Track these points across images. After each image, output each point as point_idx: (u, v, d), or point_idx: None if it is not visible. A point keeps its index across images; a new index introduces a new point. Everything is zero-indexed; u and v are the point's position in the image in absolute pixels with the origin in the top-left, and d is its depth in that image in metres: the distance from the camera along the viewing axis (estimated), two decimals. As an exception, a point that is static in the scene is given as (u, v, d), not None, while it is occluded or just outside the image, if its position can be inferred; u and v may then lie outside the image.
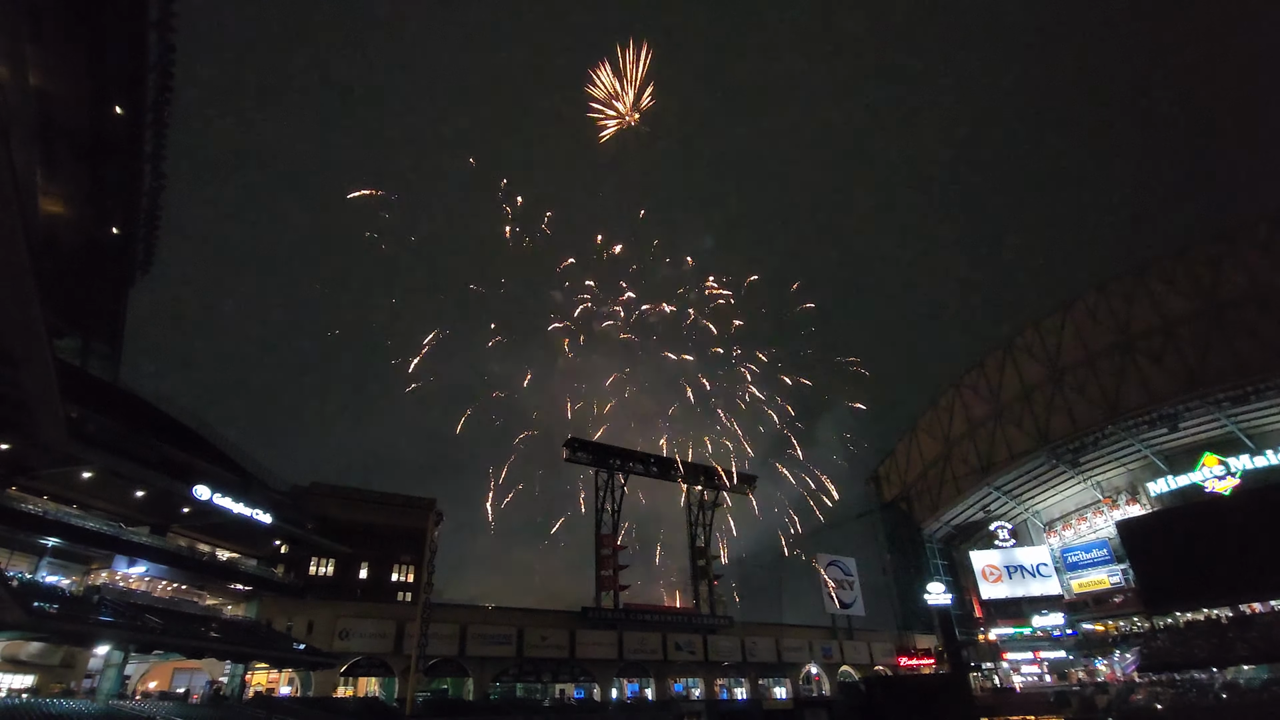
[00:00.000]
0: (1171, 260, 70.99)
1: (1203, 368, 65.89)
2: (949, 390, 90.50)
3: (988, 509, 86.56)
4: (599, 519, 68.68)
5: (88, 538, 37.58)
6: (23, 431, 30.73)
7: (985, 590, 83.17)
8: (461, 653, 53.90)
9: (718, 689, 66.95)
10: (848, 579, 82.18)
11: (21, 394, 27.25)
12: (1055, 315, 79.51)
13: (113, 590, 38.89)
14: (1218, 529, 65.91)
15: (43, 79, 27.47)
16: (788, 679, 71.69)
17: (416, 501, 65.05)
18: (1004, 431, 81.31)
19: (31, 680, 36.94)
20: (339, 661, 48.90)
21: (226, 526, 46.09)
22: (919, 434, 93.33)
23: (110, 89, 29.15)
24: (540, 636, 57.93)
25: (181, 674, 45.86)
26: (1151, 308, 70.97)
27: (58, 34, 25.95)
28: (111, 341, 46.71)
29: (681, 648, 64.81)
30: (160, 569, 42.78)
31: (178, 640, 37.38)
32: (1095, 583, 78.30)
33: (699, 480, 76.34)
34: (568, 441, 69.71)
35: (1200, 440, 71.48)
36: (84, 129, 30.20)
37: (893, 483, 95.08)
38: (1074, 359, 76.31)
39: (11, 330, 23.53)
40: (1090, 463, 78.02)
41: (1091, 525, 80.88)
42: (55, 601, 33.08)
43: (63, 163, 31.43)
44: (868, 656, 77.64)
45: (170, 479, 40.79)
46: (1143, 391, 69.57)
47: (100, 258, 37.94)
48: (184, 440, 46.20)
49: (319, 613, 50.64)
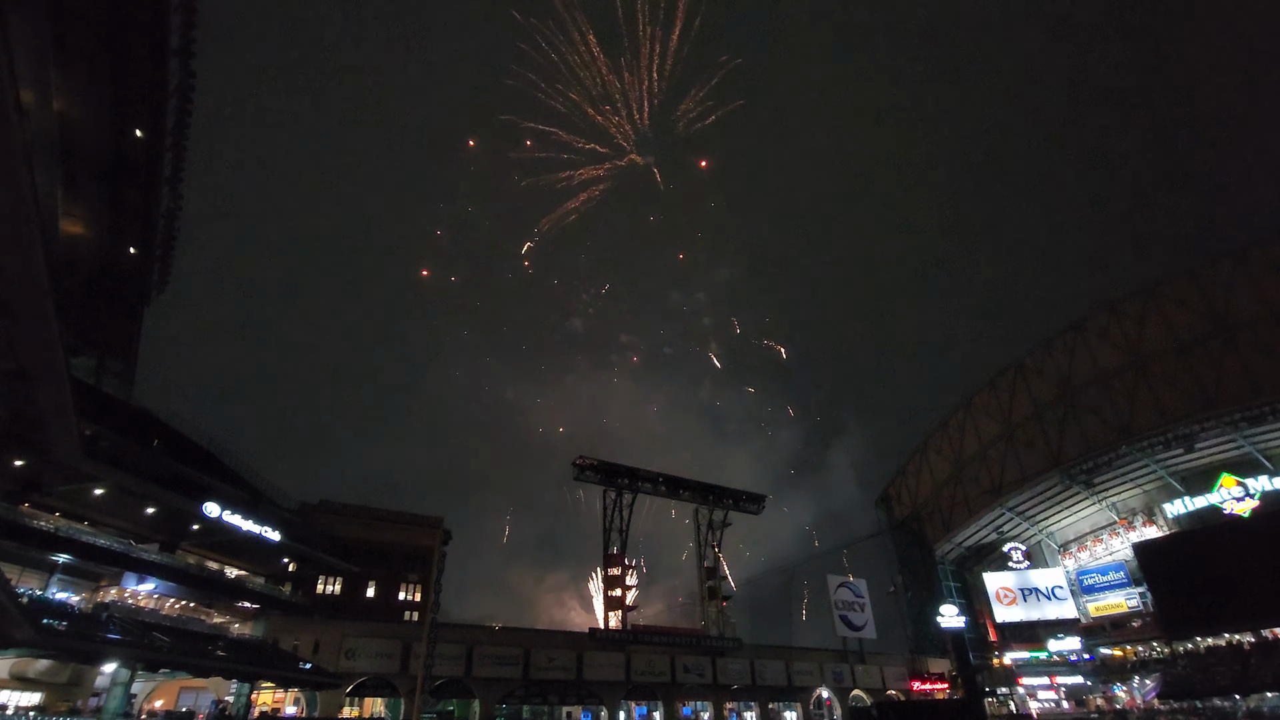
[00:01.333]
0: (1184, 280, 70.58)
1: (1218, 388, 65.15)
2: (959, 410, 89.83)
3: (1001, 530, 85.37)
4: (606, 538, 68.24)
5: (98, 554, 37.68)
6: (37, 448, 31.02)
7: (999, 613, 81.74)
8: (468, 673, 53.39)
9: (727, 712, 65.84)
10: (859, 601, 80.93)
11: (37, 411, 27.57)
12: (1066, 336, 79.03)
13: (121, 608, 38.94)
14: (1238, 551, 64.70)
15: (65, 103, 28.16)
16: (798, 703, 70.45)
17: (424, 520, 65.00)
18: (1016, 452, 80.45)
19: (39, 698, 36.89)
20: (345, 681, 48.52)
21: (235, 544, 46.12)
22: (929, 454, 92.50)
23: (131, 113, 29.84)
24: (547, 658, 57.33)
25: (187, 693, 45.61)
26: (1164, 328, 70.43)
27: (81, 60, 26.67)
28: (126, 360, 47.23)
29: (690, 670, 63.91)
30: (169, 586, 42.80)
31: (185, 659, 37.31)
32: (1112, 606, 76.84)
33: (708, 500, 75.82)
34: (576, 460, 69.57)
35: (1217, 461, 70.48)
36: (104, 152, 30.86)
37: (903, 503, 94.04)
38: (1086, 379, 75.68)
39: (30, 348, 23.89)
40: (1105, 483, 76.96)
41: (1108, 547, 79.60)
42: (64, 619, 33.12)
43: (83, 184, 32.08)
44: (880, 680, 76.19)
45: (180, 496, 40.93)
46: (1157, 412, 68.80)
47: (117, 277, 38.55)
48: (194, 457, 46.42)
49: (325, 632, 50.40)
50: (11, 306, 22.04)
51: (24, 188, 17.78)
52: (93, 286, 37.93)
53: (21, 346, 23.78)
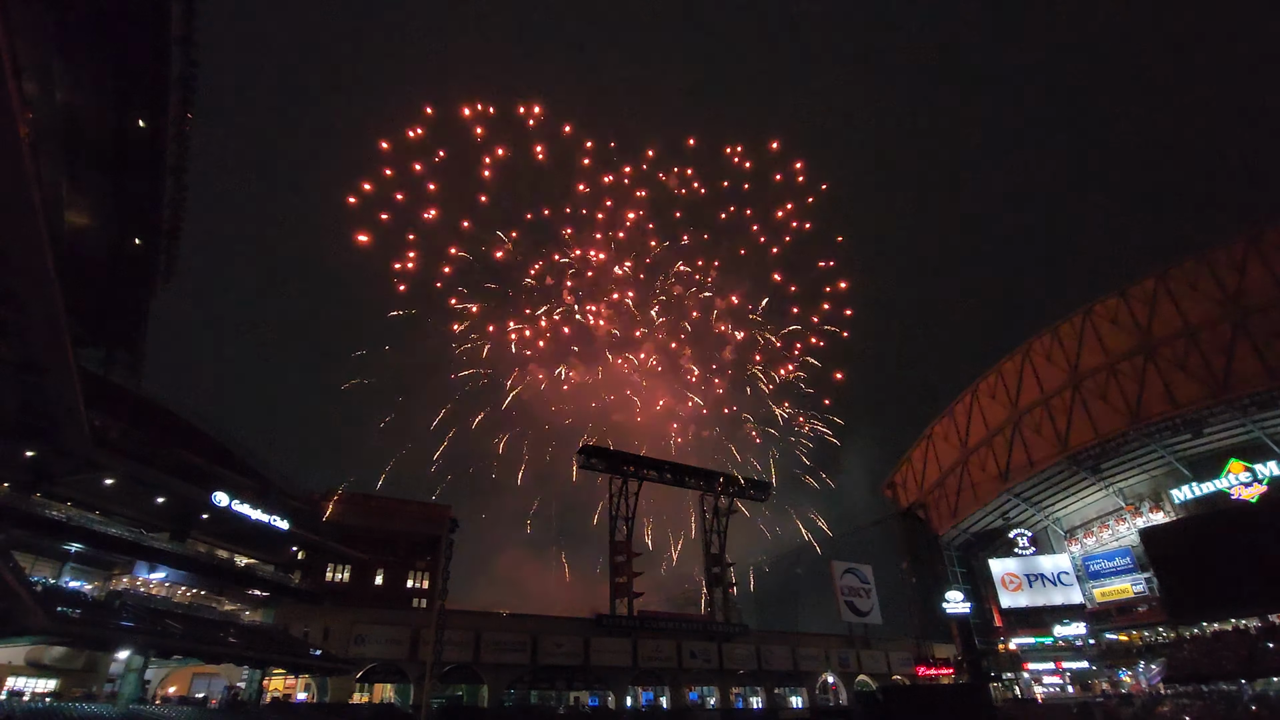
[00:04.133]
0: (1194, 263, 69.67)
1: (1228, 372, 64.58)
2: (965, 395, 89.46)
3: (1007, 516, 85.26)
4: (613, 526, 68.60)
5: (109, 543, 38.11)
6: (48, 439, 31.33)
7: (1005, 599, 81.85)
8: (476, 659, 53.92)
9: (733, 698, 66.39)
10: (864, 587, 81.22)
11: (47, 402, 27.79)
12: (1074, 319, 78.36)
13: (134, 595, 39.36)
14: (1245, 537, 64.43)
15: (69, 94, 28.04)
16: (804, 688, 70.96)
17: (432, 508, 65.36)
18: (1023, 437, 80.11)
19: (54, 684, 37.48)
20: (354, 668, 49.09)
21: (244, 532, 46.57)
22: (935, 440, 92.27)
23: (133, 103, 29.70)
24: (555, 644, 57.83)
25: (200, 679, 46.25)
26: (1174, 312, 69.67)
27: (83, 50, 26.52)
28: (133, 350, 47.37)
29: (696, 656, 64.38)
30: (180, 574, 43.24)
31: (197, 645, 37.75)
32: (1118, 591, 76.82)
33: (714, 487, 76.02)
34: (581, 449, 69.78)
35: (1225, 446, 70.00)
36: (107, 142, 30.75)
37: (908, 489, 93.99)
38: (1094, 364, 75.09)
39: (39, 339, 24.03)
40: (1112, 469, 76.67)
41: (1114, 533, 79.43)
42: (78, 606, 33.49)
43: (87, 175, 32.01)
44: (885, 666, 76.65)
45: (190, 485, 41.29)
46: (1166, 397, 68.25)
47: (123, 268, 38.56)
48: (203, 447, 46.78)
49: (335, 619, 50.92)
50: (19, 297, 22.15)
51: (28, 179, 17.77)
52: (99, 277, 37.96)
53: (30, 337, 23.93)
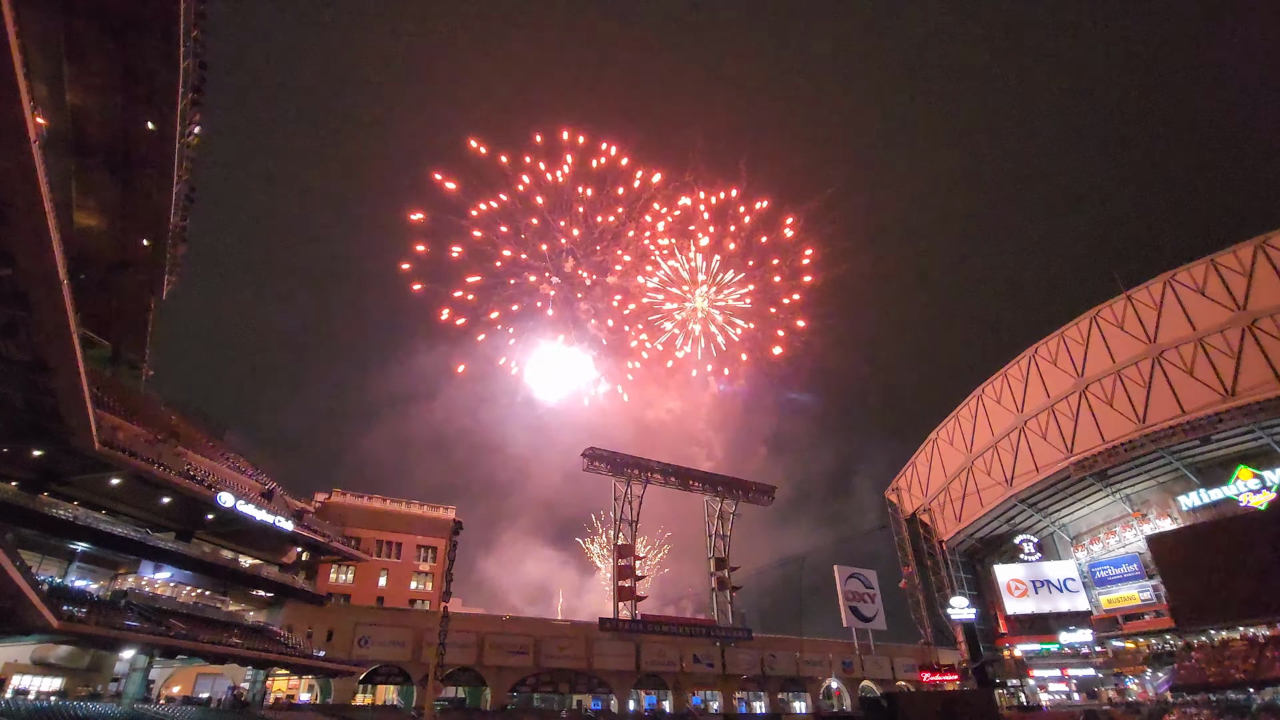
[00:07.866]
0: (1202, 267, 69.35)
1: (1236, 378, 64.18)
2: (970, 400, 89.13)
3: (1012, 522, 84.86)
4: (617, 529, 68.48)
5: (115, 543, 38.24)
6: (55, 439, 31.48)
7: (1010, 605, 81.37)
8: (479, 662, 53.91)
9: (736, 702, 66.13)
10: (868, 592, 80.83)
11: (55, 401, 27.95)
12: (1080, 323, 78.07)
13: (139, 595, 39.49)
14: (1253, 544, 63.87)
15: (78, 96, 28.29)
16: (808, 693, 70.63)
17: (436, 510, 65.47)
18: (1028, 443, 79.78)
19: (59, 683, 37.63)
20: (358, 669, 49.14)
21: (249, 533, 46.64)
22: (939, 445, 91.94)
23: (142, 106, 29.91)
24: (558, 647, 57.76)
25: (204, 679, 46.35)
26: (1181, 317, 69.35)
27: (93, 53, 26.73)
28: (140, 351, 47.71)
29: (699, 660, 64.19)
30: (185, 574, 43.43)
31: (201, 645, 37.84)
32: (1125, 599, 76.25)
33: (718, 490, 75.85)
34: (585, 451, 69.70)
35: (1234, 452, 69.52)
36: (117, 144, 30.99)
37: (913, 494, 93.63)
38: (1100, 369, 74.77)
39: (47, 339, 24.18)
40: (1118, 475, 76.21)
41: (1121, 539, 78.92)
42: (84, 605, 33.67)
43: (96, 177, 32.28)
44: (889, 671, 76.22)
45: (195, 485, 41.42)
46: (1173, 403, 67.89)
47: (130, 269, 38.83)
48: (209, 447, 47.01)
49: (339, 620, 51.00)
50: (28, 297, 22.30)
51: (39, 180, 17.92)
52: (106, 278, 38.24)
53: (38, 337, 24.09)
